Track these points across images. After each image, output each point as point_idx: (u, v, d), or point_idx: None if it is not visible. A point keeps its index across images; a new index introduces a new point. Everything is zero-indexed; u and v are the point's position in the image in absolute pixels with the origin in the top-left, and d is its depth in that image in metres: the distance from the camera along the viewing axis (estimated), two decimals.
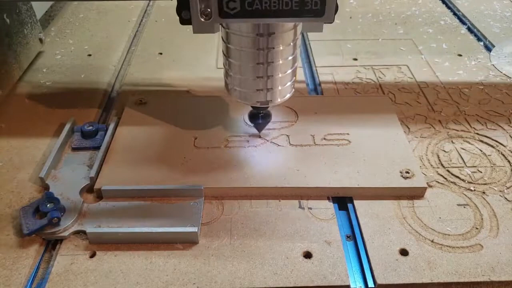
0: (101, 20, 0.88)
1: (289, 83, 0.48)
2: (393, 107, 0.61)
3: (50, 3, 0.92)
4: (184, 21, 0.43)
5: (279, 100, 0.48)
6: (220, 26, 0.44)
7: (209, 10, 0.39)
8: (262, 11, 0.38)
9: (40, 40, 0.75)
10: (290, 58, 0.46)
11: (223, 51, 0.47)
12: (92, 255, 0.43)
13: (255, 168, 0.51)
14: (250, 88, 0.47)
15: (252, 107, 0.51)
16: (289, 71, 0.47)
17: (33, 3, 0.74)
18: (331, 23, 0.40)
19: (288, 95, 0.49)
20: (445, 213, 0.47)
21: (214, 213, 0.47)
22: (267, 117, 0.52)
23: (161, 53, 0.77)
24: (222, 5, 0.38)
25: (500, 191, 0.50)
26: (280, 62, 0.45)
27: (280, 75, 0.46)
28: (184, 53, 0.77)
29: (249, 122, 0.54)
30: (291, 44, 0.44)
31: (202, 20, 0.39)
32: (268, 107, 0.50)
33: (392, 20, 0.88)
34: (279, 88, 0.47)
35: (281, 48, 0.44)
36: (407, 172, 0.49)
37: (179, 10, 0.43)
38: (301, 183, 0.49)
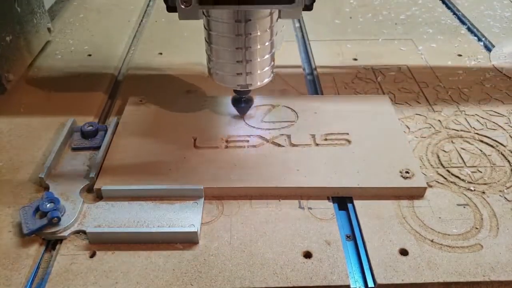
0: (101, 20, 0.88)
1: (267, 68, 0.52)
2: (393, 107, 0.61)
3: None
4: (170, 8, 0.47)
5: (258, 83, 0.53)
6: (202, 14, 0.48)
7: None
8: None
9: (49, 29, 0.78)
10: (268, 43, 0.50)
11: (205, 38, 0.51)
12: (92, 255, 0.43)
13: (255, 168, 0.51)
14: (230, 72, 0.51)
15: (235, 91, 0.55)
16: (267, 56, 0.51)
17: None
18: (307, 10, 0.45)
19: (267, 79, 0.53)
20: (445, 213, 0.47)
21: (214, 213, 0.47)
22: (249, 101, 0.57)
23: (161, 53, 0.77)
24: None
25: (500, 191, 0.50)
26: (258, 47, 0.49)
27: (258, 59, 0.50)
28: (184, 53, 0.77)
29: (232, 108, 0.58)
30: (268, 30, 0.49)
31: (183, 7, 0.44)
32: (249, 91, 0.54)
33: (392, 20, 0.88)
34: (258, 72, 0.51)
35: (258, 33, 0.48)
36: (407, 172, 0.49)
37: None
38: (301, 183, 0.49)
